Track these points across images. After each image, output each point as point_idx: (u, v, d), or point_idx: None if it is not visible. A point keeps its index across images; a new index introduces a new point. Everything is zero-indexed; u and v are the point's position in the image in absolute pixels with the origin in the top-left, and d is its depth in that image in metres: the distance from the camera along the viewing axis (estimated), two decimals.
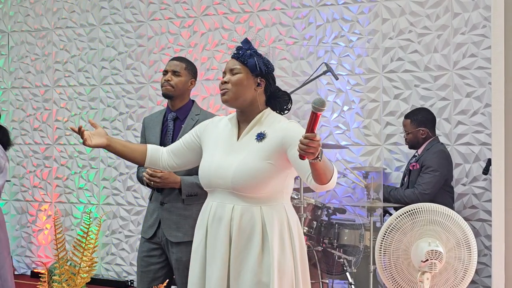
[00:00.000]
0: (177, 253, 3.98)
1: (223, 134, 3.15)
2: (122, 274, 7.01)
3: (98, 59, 7.17)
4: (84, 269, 2.01)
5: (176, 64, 4.12)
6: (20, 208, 7.57)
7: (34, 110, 7.52)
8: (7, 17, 7.67)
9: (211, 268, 3.00)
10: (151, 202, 4.15)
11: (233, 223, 2.98)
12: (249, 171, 2.94)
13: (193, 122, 4.03)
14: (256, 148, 2.99)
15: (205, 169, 3.10)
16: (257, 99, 3.07)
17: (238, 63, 3.06)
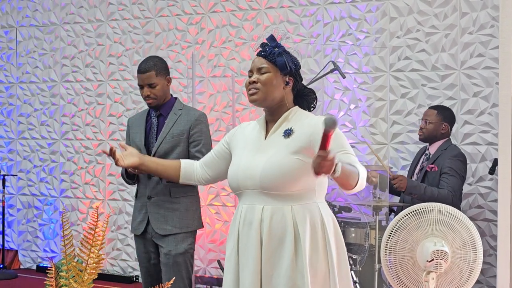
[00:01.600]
0: (166, 246, 4.02)
1: (251, 136, 3.09)
2: (127, 270, 7.03)
3: (106, 55, 7.19)
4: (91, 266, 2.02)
5: (148, 76, 4.06)
6: (26, 203, 7.59)
7: (41, 105, 7.53)
8: (15, 11, 7.68)
9: (244, 274, 2.91)
10: (138, 199, 4.18)
11: (264, 225, 2.89)
12: (277, 168, 2.87)
13: (176, 116, 4.09)
14: (283, 144, 2.93)
15: (233, 173, 3.03)
16: (285, 97, 3.01)
17: (266, 61, 2.99)
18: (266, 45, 3.04)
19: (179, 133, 4.04)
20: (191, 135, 4.04)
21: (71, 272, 2.09)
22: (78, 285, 2.02)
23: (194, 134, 4.05)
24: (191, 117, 4.07)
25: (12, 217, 7.68)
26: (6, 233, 7.55)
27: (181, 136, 4.03)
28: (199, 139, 4.04)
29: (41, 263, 7.49)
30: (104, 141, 7.16)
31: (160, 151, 4.02)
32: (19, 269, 7.52)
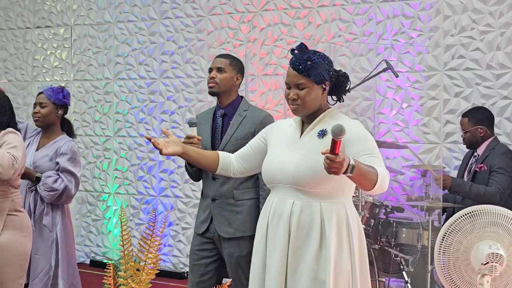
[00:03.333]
0: (228, 248, 4.03)
1: (287, 133, 3.19)
2: (178, 266, 7.10)
3: (159, 53, 7.26)
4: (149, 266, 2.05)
5: (221, 61, 4.14)
6: (80, 198, 7.72)
7: (95, 103, 7.65)
8: (70, 10, 7.81)
9: (270, 262, 3.05)
10: (203, 199, 4.19)
11: (293, 218, 3.02)
12: (310, 166, 2.98)
13: (241, 118, 4.06)
14: (317, 144, 3.01)
15: (267, 165, 3.16)
16: (322, 100, 3.11)
17: (302, 77, 3.03)
18: (297, 56, 3.06)
19: (243, 136, 3.99)
20: None
21: (129, 272, 2.13)
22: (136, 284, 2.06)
23: None
24: (256, 120, 4.03)
25: None
26: None
27: (245, 139, 3.89)
28: None
29: (94, 257, 7.62)
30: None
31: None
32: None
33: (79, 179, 4.63)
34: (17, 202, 3.80)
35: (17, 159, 3.63)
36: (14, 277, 3.73)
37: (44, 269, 4.50)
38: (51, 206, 4.56)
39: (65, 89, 4.71)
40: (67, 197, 4.57)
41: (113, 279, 2.20)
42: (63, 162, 4.51)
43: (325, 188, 2.99)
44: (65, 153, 4.52)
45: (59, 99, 4.61)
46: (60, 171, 4.51)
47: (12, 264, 3.71)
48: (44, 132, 4.67)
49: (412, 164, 5.91)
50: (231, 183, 4.03)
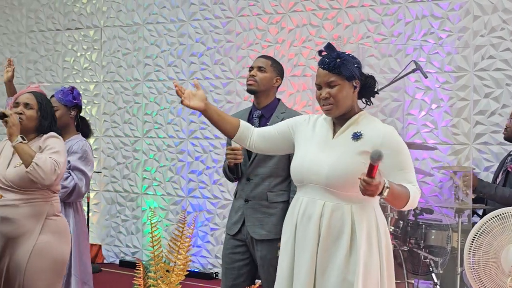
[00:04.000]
0: (261, 250, 4.01)
1: (318, 131, 3.16)
2: (207, 266, 7.13)
3: (187, 54, 7.30)
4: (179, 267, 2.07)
5: (262, 61, 4.16)
6: (109, 199, 7.79)
7: (124, 104, 7.71)
8: (100, 12, 7.88)
9: (299, 263, 3.04)
10: (236, 199, 4.18)
11: (323, 220, 3.00)
12: (344, 169, 2.96)
13: (278, 120, 3.97)
14: (352, 147, 3.00)
15: (298, 164, 3.12)
16: (354, 100, 3.09)
17: (332, 75, 3.02)
18: (325, 55, 3.07)
19: None
20: None
21: (159, 273, 2.15)
22: (166, 286, 2.07)
23: None
24: None
25: (96, 212, 7.89)
26: (90, 229, 7.76)
27: None
28: None
29: (123, 258, 7.68)
30: (185, 139, 7.28)
31: (260, 155, 3.96)
32: (102, 263, 7.72)
33: (89, 177, 4.65)
34: (56, 206, 3.79)
35: (59, 165, 3.62)
36: (49, 283, 3.70)
37: None
38: (64, 204, 4.59)
39: (75, 89, 4.74)
40: (78, 195, 4.58)
41: (143, 280, 2.22)
42: (74, 160, 4.54)
43: (357, 192, 2.89)
44: (76, 151, 4.54)
45: (70, 101, 4.65)
46: (71, 170, 4.54)
47: (48, 270, 3.68)
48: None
49: (441, 166, 5.88)
50: (266, 185, 4.01)
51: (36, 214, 3.68)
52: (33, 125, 3.81)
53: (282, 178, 4.03)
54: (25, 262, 3.64)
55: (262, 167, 4.01)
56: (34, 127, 3.81)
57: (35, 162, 3.55)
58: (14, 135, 3.64)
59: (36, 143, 3.75)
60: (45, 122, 3.82)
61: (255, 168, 4.03)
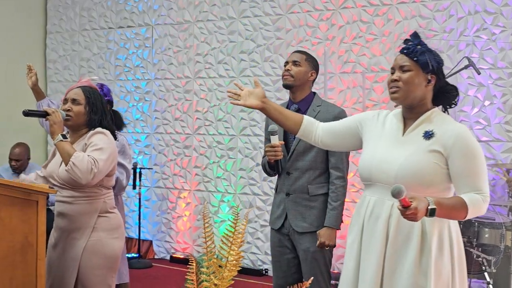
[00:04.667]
0: (304, 243, 4.04)
1: (388, 128, 3.07)
2: (257, 263, 7.15)
3: (237, 51, 7.33)
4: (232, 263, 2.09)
5: (297, 55, 4.18)
6: (161, 195, 7.86)
7: (175, 101, 7.78)
8: (151, 10, 7.96)
9: (365, 264, 2.96)
10: (277, 194, 4.22)
11: (391, 220, 2.91)
12: (415, 168, 2.86)
13: (315, 113, 4.06)
14: (423, 145, 2.90)
15: (366, 162, 3.04)
16: (426, 96, 2.96)
17: (408, 59, 2.94)
18: (409, 41, 3.00)
19: None
20: None
21: (212, 268, 2.17)
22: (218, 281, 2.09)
23: None
24: (330, 115, 4.02)
25: (147, 209, 7.98)
26: (142, 224, 7.86)
27: None
28: None
29: (174, 253, 7.75)
30: (235, 136, 7.31)
31: (299, 148, 4.03)
32: (153, 259, 7.80)
33: (130, 171, 4.72)
34: (109, 203, 3.80)
35: (97, 163, 3.58)
36: (102, 279, 3.75)
37: None
38: None
39: (104, 86, 4.78)
40: (119, 189, 4.65)
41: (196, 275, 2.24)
42: None
43: (427, 192, 2.83)
44: None
45: None
46: None
47: (100, 267, 3.73)
48: None
49: (494, 163, 5.80)
50: (306, 178, 4.05)
51: (88, 212, 3.72)
52: (82, 120, 3.78)
53: (321, 171, 4.06)
54: (79, 258, 3.70)
55: (301, 161, 4.05)
56: (84, 122, 3.79)
57: (72, 161, 3.54)
58: (55, 133, 3.64)
59: (84, 141, 3.75)
60: (95, 116, 3.78)
61: (294, 162, 4.08)
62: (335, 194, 4.02)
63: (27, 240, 3.58)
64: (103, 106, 3.85)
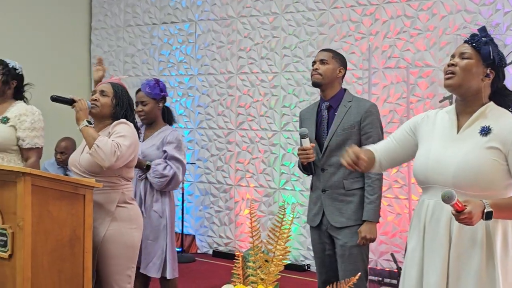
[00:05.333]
0: (342, 238, 4.07)
1: (439, 126, 2.97)
2: (299, 258, 7.15)
3: (280, 47, 7.33)
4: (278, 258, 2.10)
5: (324, 54, 4.22)
6: (203, 190, 7.91)
7: (218, 96, 7.82)
8: (195, 6, 8.01)
9: (429, 269, 2.85)
10: (313, 191, 4.25)
11: (453, 223, 2.78)
12: (473, 167, 2.75)
13: (346, 109, 4.10)
14: (480, 142, 2.79)
15: (421, 164, 2.93)
16: (482, 90, 2.85)
17: (470, 48, 2.85)
18: (475, 35, 2.91)
19: (350, 126, 4.06)
20: (362, 127, 4.06)
21: (258, 263, 2.18)
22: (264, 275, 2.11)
23: (365, 126, 4.06)
24: (361, 109, 4.08)
25: (190, 203, 8.04)
26: (185, 219, 7.92)
27: (352, 129, 4.05)
28: (370, 131, 4.04)
29: (216, 248, 7.79)
30: (278, 131, 7.32)
31: (332, 144, 4.07)
32: (196, 253, 7.86)
33: (185, 165, 4.78)
34: (127, 194, 3.88)
35: (120, 147, 3.68)
36: (121, 269, 3.82)
37: (157, 254, 4.67)
38: (160, 193, 4.73)
39: (160, 81, 4.84)
40: (175, 184, 4.73)
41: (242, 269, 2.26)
42: (170, 150, 4.68)
43: (488, 192, 2.76)
44: (171, 141, 4.69)
45: (158, 94, 4.77)
46: (168, 159, 4.68)
47: (119, 256, 3.80)
48: (149, 125, 4.84)
49: None
50: (341, 173, 4.07)
51: (107, 202, 3.80)
52: (108, 112, 3.91)
53: None
54: (97, 247, 3.78)
55: (335, 156, 4.06)
56: (110, 113, 3.92)
57: (96, 144, 3.64)
58: (80, 119, 3.76)
59: (107, 130, 3.86)
60: (121, 110, 3.91)
61: (328, 158, 4.11)
62: (371, 187, 4.04)
63: (75, 233, 3.64)
64: (129, 103, 3.99)
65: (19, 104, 4.68)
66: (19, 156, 4.62)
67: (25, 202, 3.41)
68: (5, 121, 4.59)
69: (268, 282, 2.06)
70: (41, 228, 3.51)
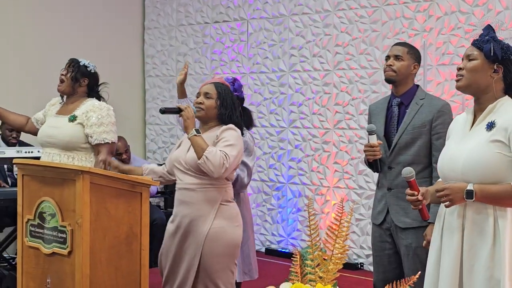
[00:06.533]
0: (406, 239, 3.99)
1: (458, 126, 3.13)
2: (352, 257, 7.12)
3: (332, 44, 7.30)
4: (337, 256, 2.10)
5: (398, 49, 4.11)
6: (256, 188, 7.94)
7: (270, 95, 7.83)
8: (246, 4, 8.03)
9: (444, 259, 3.00)
10: (379, 189, 4.18)
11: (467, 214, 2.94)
12: (478, 162, 2.89)
13: (418, 107, 4.00)
14: (485, 137, 2.92)
15: (439, 162, 3.13)
16: (492, 86, 2.97)
17: (475, 49, 3.01)
18: (480, 35, 3.06)
19: (421, 124, 3.97)
20: (433, 126, 3.96)
21: (317, 261, 2.19)
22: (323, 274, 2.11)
23: (436, 126, 3.95)
24: (434, 108, 3.97)
25: None
26: None
27: (423, 127, 3.96)
28: (441, 131, 3.88)
29: (269, 246, 7.81)
30: (330, 129, 7.30)
31: (401, 142, 3.99)
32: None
33: (251, 168, 4.73)
34: (229, 193, 3.97)
35: (228, 158, 3.76)
36: (224, 266, 3.90)
37: None
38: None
39: (237, 81, 4.79)
40: (241, 186, 4.66)
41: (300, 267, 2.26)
42: None
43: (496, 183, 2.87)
44: None
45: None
46: None
47: (222, 253, 3.88)
48: None
49: None
50: None
51: (210, 200, 3.88)
52: (213, 114, 3.97)
53: (424, 165, 3.99)
54: (201, 245, 3.86)
55: (403, 155, 4.00)
56: (215, 116, 3.98)
57: (205, 156, 3.73)
58: (189, 128, 3.84)
59: (214, 133, 3.92)
60: (225, 111, 3.96)
61: (396, 156, 4.03)
62: None
63: (132, 230, 3.70)
64: (233, 102, 4.03)
65: (89, 102, 4.72)
66: (91, 154, 4.64)
67: (83, 200, 3.48)
68: (72, 119, 4.64)
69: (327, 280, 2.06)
70: (98, 225, 3.57)
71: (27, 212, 3.80)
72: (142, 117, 9.08)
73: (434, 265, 3.08)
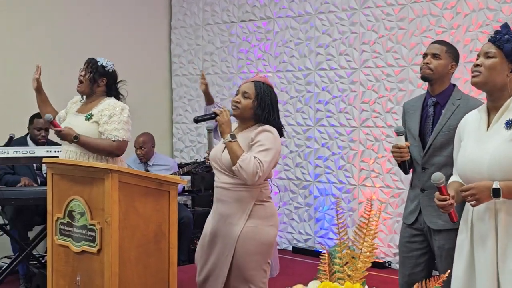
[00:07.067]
0: (439, 240, 3.94)
1: (472, 126, 3.11)
2: (379, 255, 7.10)
3: (359, 42, 7.28)
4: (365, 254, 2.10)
5: (437, 47, 4.04)
6: (282, 186, 7.94)
7: (296, 93, 7.83)
8: (272, 3, 8.03)
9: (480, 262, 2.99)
10: (412, 189, 4.13)
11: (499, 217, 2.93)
12: (502, 163, 2.88)
13: (454, 107, 3.92)
14: (505, 136, 2.91)
15: (460, 166, 3.11)
16: (508, 85, 2.98)
17: (493, 47, 3.00)
18: (499, 32, 3.03)
19: (456, 125, 3.77)
20: None
21: (345, 259, 2.19)
22: (352, 272, 2.11)
23: None
24: (470, 109, 3.76)
25: None
26: None
27: None
28: None
29: (296, 244, 7.81)
30: (357, 128, 7.28)
31: (436, 143, 3.92)
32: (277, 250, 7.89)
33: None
34: (265, 193, 3.94)
35: (262, 165, 3.72)
36: (256, 265, 3.89)
37: None
38: None
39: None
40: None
41: (328, 266, 2.27)
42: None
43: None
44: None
45: None
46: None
47: (255, 252, 3.87)
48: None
49: None
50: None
51: (243, 200, 3.88)
52: (249, 114, 3.92)
53: None
54: (234, 244, 3.86)
55: (437, 156, 3.93)
56: (251, 115, 3.93)
57: (239, 164, 3.73)
58: (224, 132, 3.83)
59: (250, 133, 3.88)
60: (262, 112, 3.90)
61: (430, 157, 3.96)
62: None
63: (160, 229, 3.72)
64: (272, 103, 3.98)
65: (107, 101, 4.76)
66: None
67: (112, 199, 3.51)
68: (88, 118, 4.69)
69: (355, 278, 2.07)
70: (127, 223, 3.60)
71: (57, 210, 3.84)
72: (169, 116, 9.12)
73: (465, 269, 3.05)
